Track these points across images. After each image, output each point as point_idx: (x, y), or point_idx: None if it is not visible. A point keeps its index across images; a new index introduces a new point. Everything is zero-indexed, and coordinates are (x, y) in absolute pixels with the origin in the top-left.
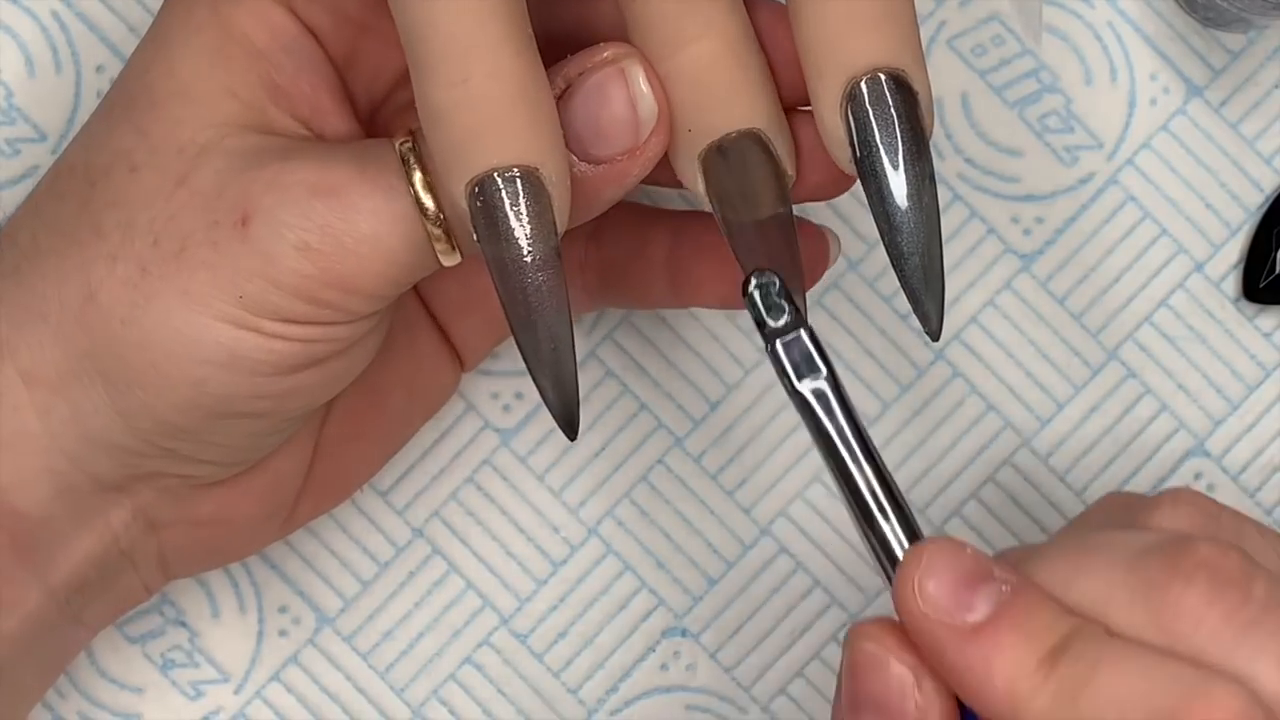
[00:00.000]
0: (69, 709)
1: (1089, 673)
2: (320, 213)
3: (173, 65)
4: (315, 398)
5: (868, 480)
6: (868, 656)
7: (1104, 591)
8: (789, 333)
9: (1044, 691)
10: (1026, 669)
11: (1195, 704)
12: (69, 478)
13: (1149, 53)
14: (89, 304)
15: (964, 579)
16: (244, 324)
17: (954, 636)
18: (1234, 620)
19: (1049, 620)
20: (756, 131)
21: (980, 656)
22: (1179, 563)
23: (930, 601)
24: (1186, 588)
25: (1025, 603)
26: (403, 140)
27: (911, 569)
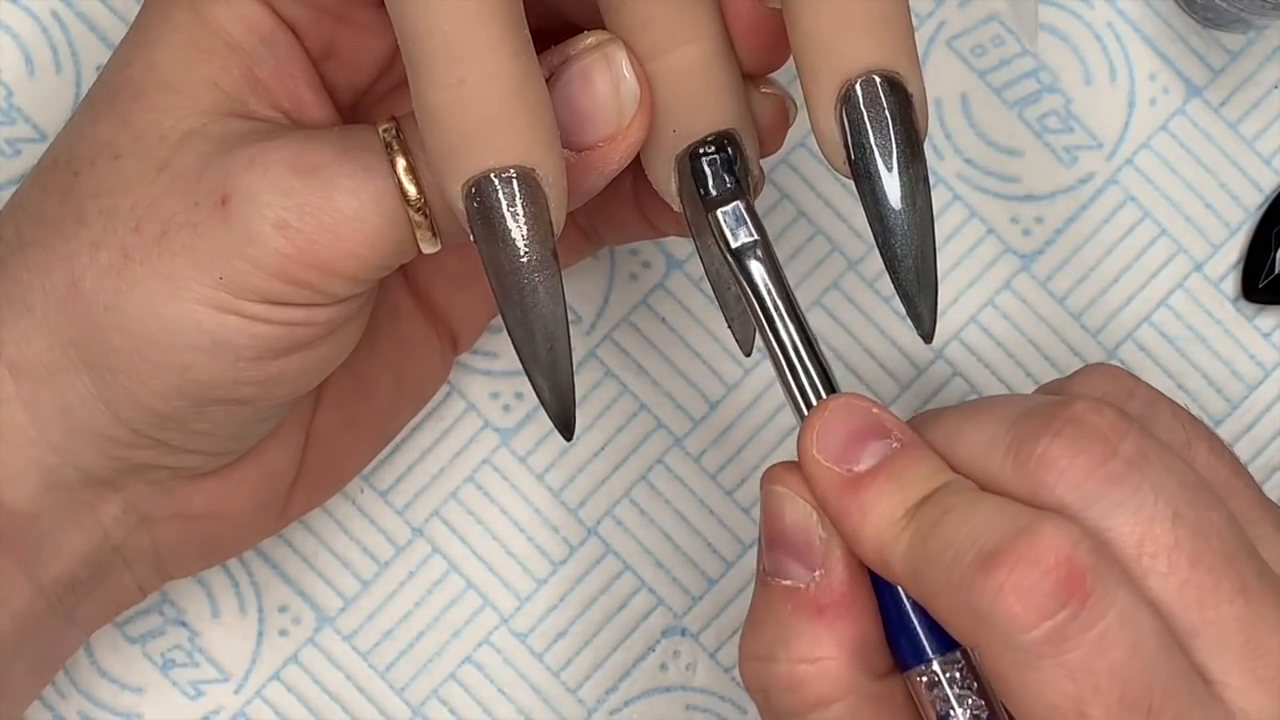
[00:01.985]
0: (69, 709)
1: (939, 518)
2: (299, 191)
3: (154, 59)
4: (300, 384)
5: (792, 337)
6: (775, 496)
7: (983, 447)
8: (727, 202)
9: (903, 538)
10: (894, 517)
11: (1021, 539)
12: (57, 471)
13: (1149, 53)
14: (73, 292)
15: (858, 432)
16: (226, 307)
17: (838, 483)
18: (1096, 474)
19: (924, 474)
20: (734, 134)
21: (856, 504)
22: (1052, 418)
23: (823, 449)
24: (1053, 440)
25: (907, 457)
26: (385, 126)
27: (814, 418)
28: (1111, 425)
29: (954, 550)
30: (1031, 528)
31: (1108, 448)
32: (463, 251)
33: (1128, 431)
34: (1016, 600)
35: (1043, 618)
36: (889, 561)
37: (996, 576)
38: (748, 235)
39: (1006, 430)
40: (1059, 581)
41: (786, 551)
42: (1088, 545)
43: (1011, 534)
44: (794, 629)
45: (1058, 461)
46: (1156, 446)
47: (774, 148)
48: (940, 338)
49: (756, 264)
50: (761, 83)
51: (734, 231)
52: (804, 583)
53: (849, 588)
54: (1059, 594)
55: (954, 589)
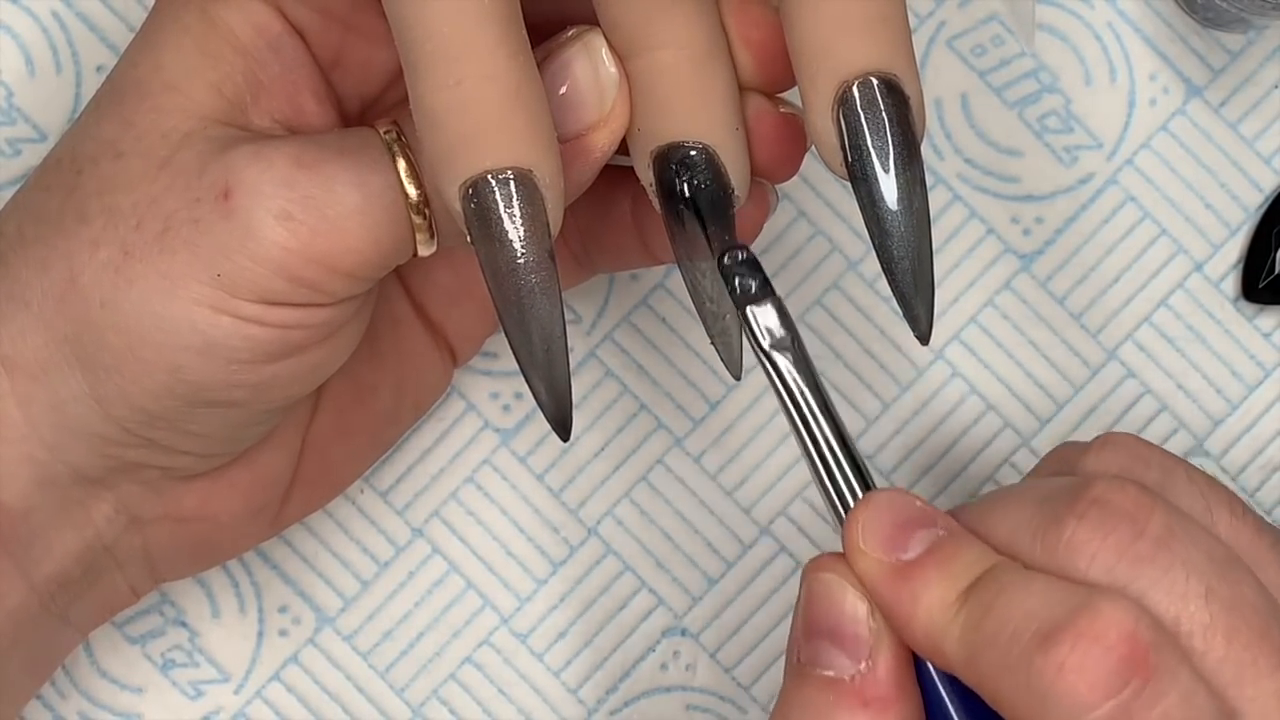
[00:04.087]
0: (69, 709)
1: (993, 599)
2: (302, 184)
3: (160, 61)
4: (294, 390)
5: (827, 438)
6: (825, 585)
7: (1013, 532)
8: (760, 302)
9: (957, 622)
10: (946, 601)
11: (1081, 616)
12: (49, 468)
13: (1149, 53)
14: (70, 288)
15: (904, 522)
16: (221, 307)
17: (887, 572)
18: (1126, 554)
19: (971, 559)
20: (706, 146)
21: (908, 591)
22: (1075, 500)
23: (870, 539)
24: (1079, 523)
25: (954, 543)
26: (386, 128)
27: (859, 511)
28: (1136, 503)
29: (1011, 629)
30: (1091, 604)
31: (1135, 527)
32: (456, 267)
33: (1154, 509)
34: (1079, 679)
35: (1107, 696)
36: (942, 647)
37: (1058, 654)
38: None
39: (1032, 514)
40: (1123, 659)
41: (831, 641)
42: (1148, 621)
43: (1071, 611)
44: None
45: (1087, 545)
46: (1182, 521)
47: (788, 172)
48: (940, 338)
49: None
50: (777, 101)
51: (767, 332)
52: (848, 674)
53: (897, 680)
54: (1123, 672)
55: (1013, 669)
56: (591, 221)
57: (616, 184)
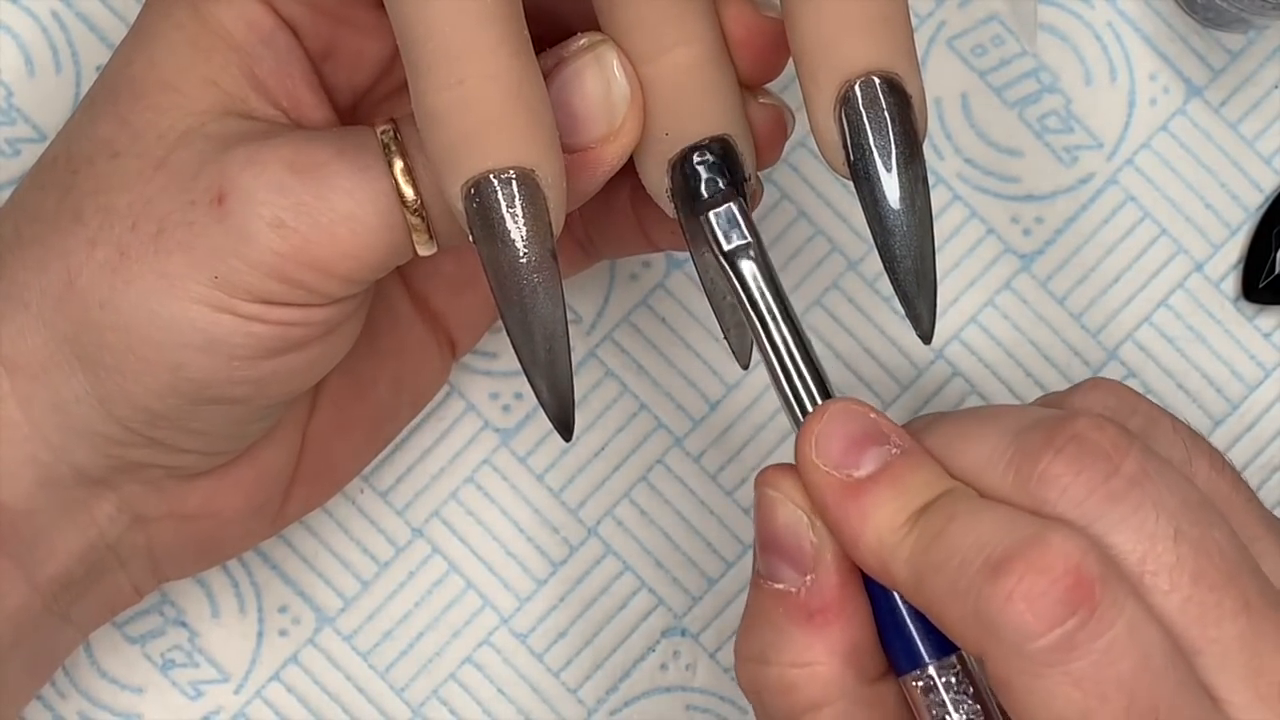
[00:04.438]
0: (69, 709)
1: (944, 524)
2: (296, 190)
3: (154, 58)
4: (295, 384)
5: (786, 341)
6: (767, 499)
7: (984, 459)
8: (719, 204)
9: (905, 544)
10: (895, 523)
11: (1030, 547)
12: (52, 469)
13: (1149, 53)
14: (68, 289)
15: (858, 437)
16: (220, 306)
17: (838, 489)
18: (1097, 491)
19: (925, 480)
20: (727, 138)
21: (857, 509)
22: (1054, 434)
23: (822, 454)
24: (1055, 457)
25: (907, 463)
26: (384, 128)
27: (813, 423)
28: (1114, 442)
29: (960, 557)
30: (1041, 536)
31: (1110, 465)
32: (460, 256)
33: (1130, 449)
34: (1026, 608)
35: (1051, 625)
36: (890, 568)
37: (1005, 583)
38: (740, 238)
39: (1008, 444)
40: (1068, 589)
41: (778, 555)
42: (1096, 555)
43: (1020, 542)
44: (785, 633)
45: (1060, 478)
46: (1158, 464)
47: (772, 159)
48: (940, 338)
49: (749, 266)
50: (759, 92)
51: (726, 234)
52: (795, 587)
53: (840, 592)
54: (1068, 602)
55: (960, 595)
56: (593, 209)
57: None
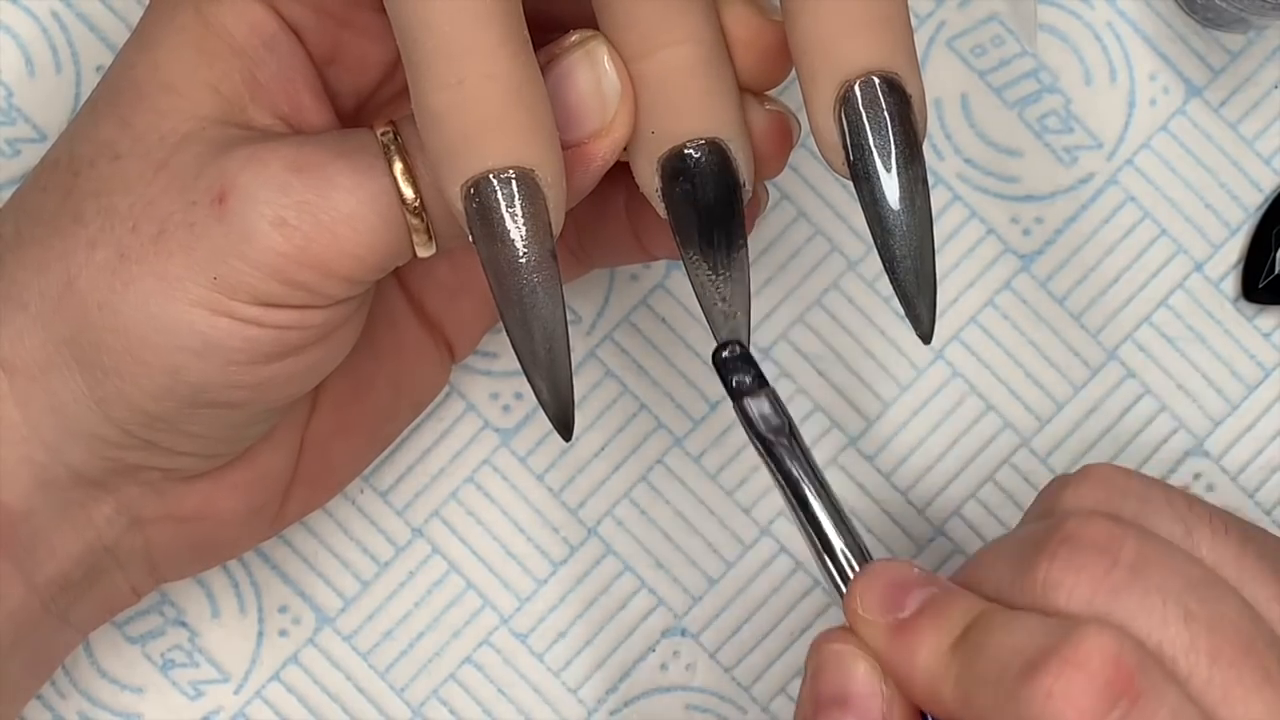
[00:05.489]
0: (69, 709)
1: (982, 641)
2: (298, 189)
3: (157, 61)
4: (293, 389)
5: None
6: (836, 655)
7: (998, 582)
8: (755, 394)
9: (952, 668)
10: (941, 650)
11: (1064, 645)
12: (49, 470)
13: (1149, 53)
14: (67, 290)
15: (900, 585)
16: (219, 309)
17: (886, 632)
18: (1102, 585)
19: (963, 609)
20: (718, 141)
21: (906, 647)
22: (1047, 541)
23: (868, 604)
24: (1051, 563)
25: (945, 597)
26: (383, 130)
27: (858, 581)
28: (1108, 535)
29: (999, 666)
30: (1074, 632)
31: (1107, 558)
32: (455, 263)
33: (1125, 538)
34: (1066, 704)
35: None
36: (940, 695)
37: (1044, 683)
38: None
39: (1011, 562)
40: (1109, 682)
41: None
42: (1132, 645)
43: (1054, 641)
44: None
45: (1063, 581)
46: (1157, 546)
47: (776, 168)
48: (940, 338)
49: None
50: (764, 99)
51: (765, 420)
52: None
53: None
54: (1110, 695)
55: (1003, 704)
56: (587, 217)
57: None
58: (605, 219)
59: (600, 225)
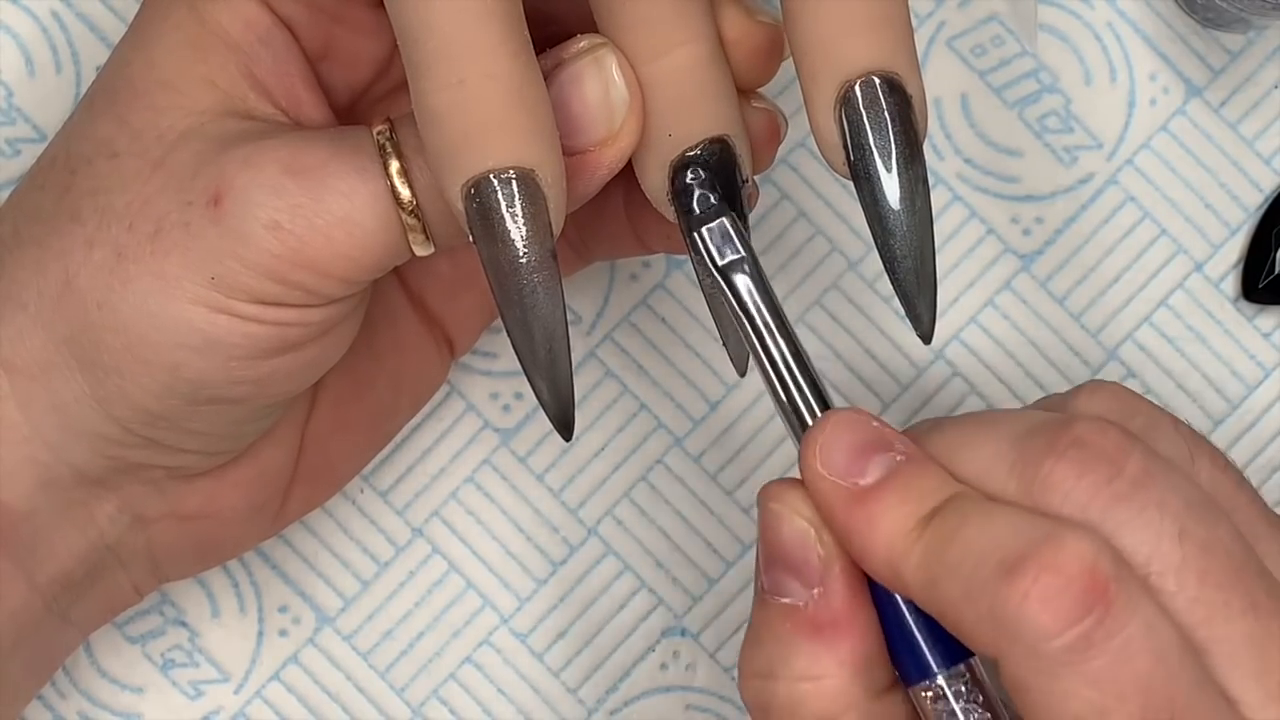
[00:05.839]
0: (69, 709)
1: (956, 528)
2: (292, 192)
3: (152, 59)
4: (293, 384)
5: (784, 354)
6: (772, 514)
7: (986, 464)
8: (711, 220)
9: (916, 549)
10: (905, 529)
11: (1044, 548)
12: (51, 469)
13: (1149, 53)
14: (66, 289)
15: (862, 446)
16: (218, 307)
17: (844, 497)
18: (1101, 493)
19: (932, 486)
20: (726, 138)
21: (865, 517)
22: (1056, 438)
23: (827, 464)
24: (1057, 461)
25: (913, 470)
26: (380, 129)
27: (815, 433)
28: (1116, 445)
29: (974, 559)
30: (1054, 536)
31: (1113, 468)
32: (455, 258)
33: (1132, 451)
34: (1042, 608)
35: (1068, 625)
36: (902, 573)
37: (1021, 584)
38: (734, 253)
39: (1009, 448)
40: (1084, 589)
41: (784, 569)
42: (1110, 555)
43: (1034, 542)
44: (793, 647)
45: (1063, 482)
46: (1161, 465)
47: (765, 164)
48: (940, 338)
49: (744, 281)
50: (752, 97)
51: (720, 249)
52: (802, 600)
53: (849, 605)
54: (1084, 601)
55: (975, 598)
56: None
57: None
58: (604, 215)
59: (599, 220)
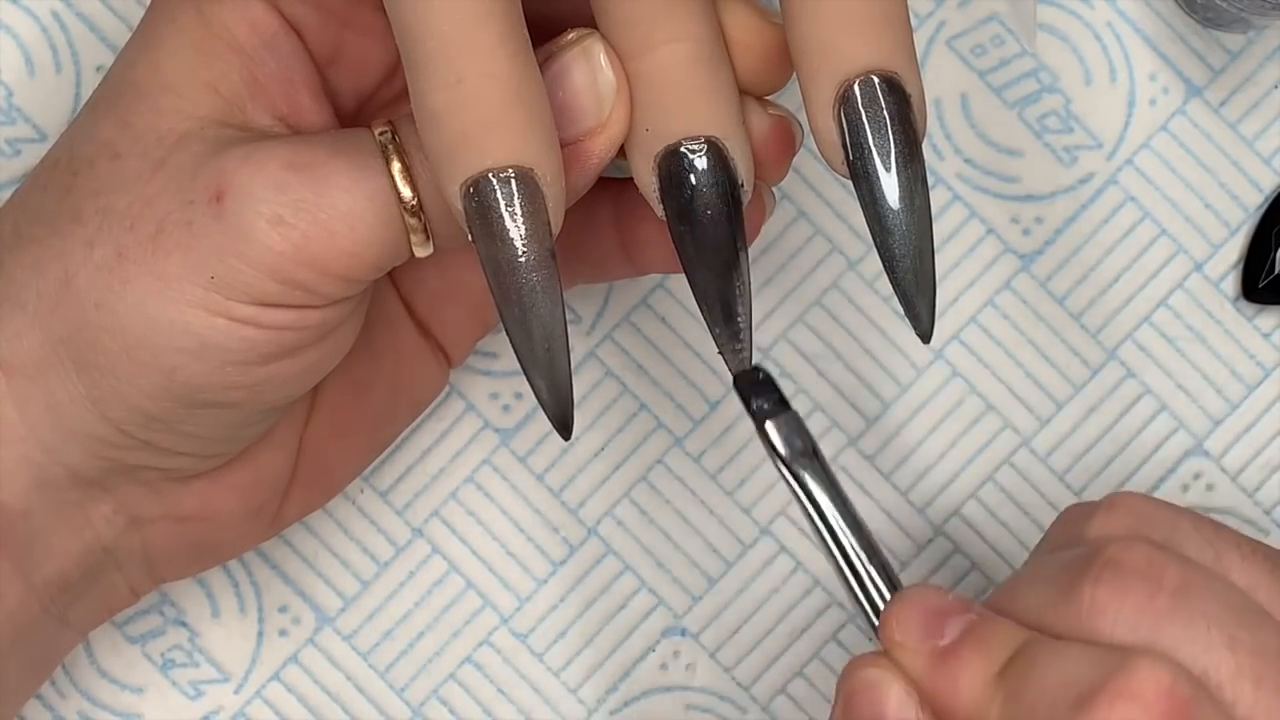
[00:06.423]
0: (69, 709)
1: (1028, 672)
2: (294, 187)
3: (157, 61)
4: (290, 390)
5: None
6: (871, 681)
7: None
8: (776, 414)
9: (997, 699)
10: (985, 681)
11: (1116, 677)
12: (47, 470)
13: (1149, 53)
14: (65, 290)
15: (936, 612)
16: (216, 309)
17: (926, 660)
18: (1147, 611)
19: (1005, 637)
20: (715, 140)
21: (948, 675)
22: (1089, 566)
23: (906, 631)
24: (1095, 587)
25: (985, 625)
26: (381, 130)
27: (892, 609)
28: (1149, 560)
29: (1049, 699)
30: (1126, 664)
31: (1151, 584)
32: (443, 271)
33: (1167, 564)
34: None
35: None
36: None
37: (1096, 716)
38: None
39: (1051, 588)
40: (1164, 714)
41: None
42: (1185, 676)
43: (1106, 673)
44: None
45: (1107, 607)
46: (1197, 572)
47: (779, 173)
48: (940, 338)
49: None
50: (765, 103)
51: (788, 442)
52: None
53: None
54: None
55: None
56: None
57: (597, 193)
58: (591, 234)
59: (585, 240)
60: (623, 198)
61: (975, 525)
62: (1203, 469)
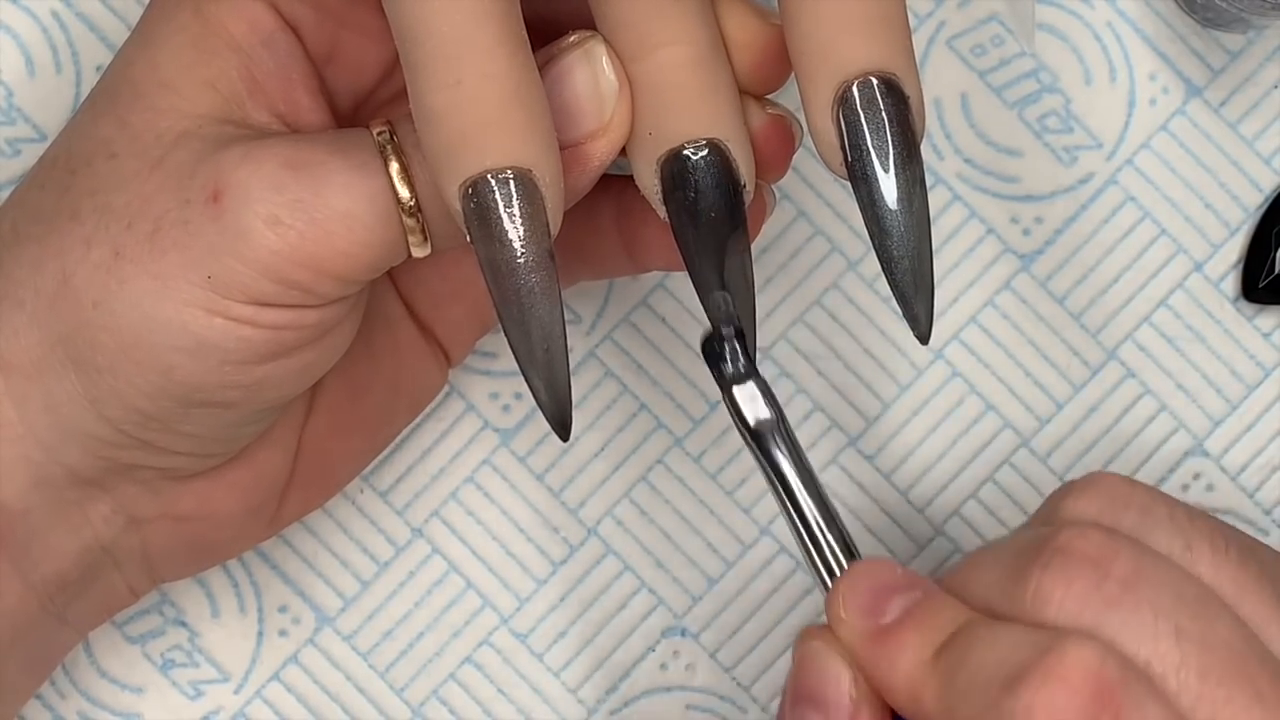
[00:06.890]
0: (69, 709)
1: (964, 652)
2: (292, 187)
3: (155, 60)
4: (287, 390)
5: (814, 512)
6: (813, 652)
7: (986, 591)
8: (742, 381)
9: (933, 678)
10: (922, 659)
11: (1046, 658)
12: (45, 469)
13: (1148, 53)
14: (63, 288)
15: (883, 589)
16: (213, 309)
17: (867, 637)
18: (1093, 598)
19: (946, 617)
20: (718, 142)
21: (886, 654)
22: (1040, 551)
23: (850, 608)
24: (1044, 573)
25: (928, 604)
26: (379, 129)
27: (841, 582)
28: (1100, 548)
29: (982, 679)
30: (1055, 646)
31: (1099, 572)
32: (444, 271)
33: (1118, 551)
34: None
35: None
36: (923, 703)
37: (1024, 696)
38: (765, 414)
39: (1003, 571)
40: (1091, 696)
41: (813, 707)
42: (1115, 659)
43: (1036, 654)
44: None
45: (1052, 593)
46: (1152, 561)
47: (779, 172)
48: (940, 338)
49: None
50: (764, 102)
51: (751, 409)
52: None
53: None
54: (1091, 709)
55: (985, 717)
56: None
57: (598, 192)
58: (592, 232)
59: (586, 239)
60: (624, 196)
61: (975, 525)
62: (1203, 469)
